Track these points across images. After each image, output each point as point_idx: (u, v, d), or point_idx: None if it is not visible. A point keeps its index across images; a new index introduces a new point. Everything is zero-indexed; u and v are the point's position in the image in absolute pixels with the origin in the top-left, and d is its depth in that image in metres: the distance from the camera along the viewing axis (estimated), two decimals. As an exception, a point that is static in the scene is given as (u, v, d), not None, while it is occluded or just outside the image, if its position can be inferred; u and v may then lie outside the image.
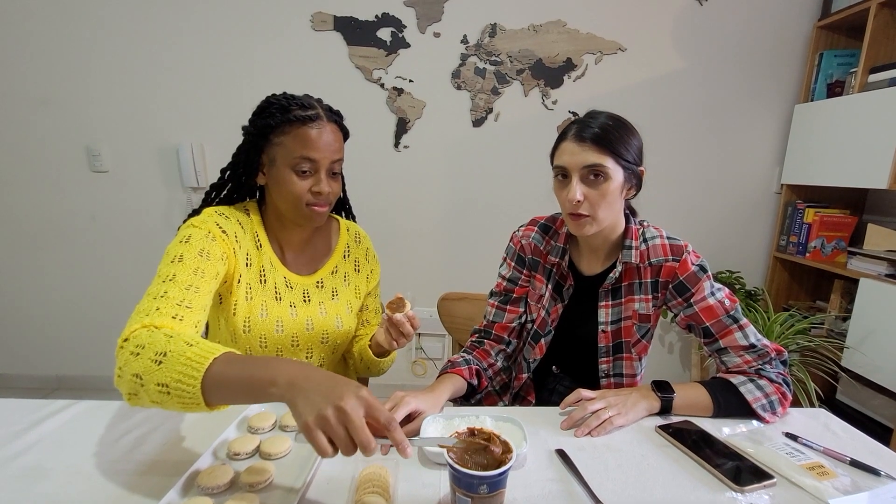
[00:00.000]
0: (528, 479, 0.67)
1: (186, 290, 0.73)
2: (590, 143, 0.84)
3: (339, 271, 1.02)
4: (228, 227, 0.87)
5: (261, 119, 0.85)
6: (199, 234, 0.82)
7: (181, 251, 0.78)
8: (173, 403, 0.59)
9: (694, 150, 2.17)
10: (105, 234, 2.16)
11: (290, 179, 0.85)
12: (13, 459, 0.69)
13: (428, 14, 2.00)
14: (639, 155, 0.89)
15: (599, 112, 0.89)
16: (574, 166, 0.85)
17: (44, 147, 2.07)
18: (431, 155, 2.14)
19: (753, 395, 0.83)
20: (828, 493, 0.64)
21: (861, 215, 2.06)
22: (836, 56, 1.96)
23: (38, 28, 1.96)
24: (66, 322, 2.25)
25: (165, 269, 0.76)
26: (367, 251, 1.07)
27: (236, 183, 0.93)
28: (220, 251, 0.83)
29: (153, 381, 0.59)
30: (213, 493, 0.61)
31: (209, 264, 0.80)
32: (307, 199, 0.86)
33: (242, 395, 0.58)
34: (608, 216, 0.88)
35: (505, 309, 1.05)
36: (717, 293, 0.90)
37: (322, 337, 0.97)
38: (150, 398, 0.61)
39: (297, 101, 0.86)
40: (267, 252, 0.93)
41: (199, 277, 0.76)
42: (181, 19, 1.97)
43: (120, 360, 0.63)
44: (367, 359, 1.01)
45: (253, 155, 0.87)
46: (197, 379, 0.57)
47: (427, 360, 2.36)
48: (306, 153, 0.84)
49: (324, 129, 0.85)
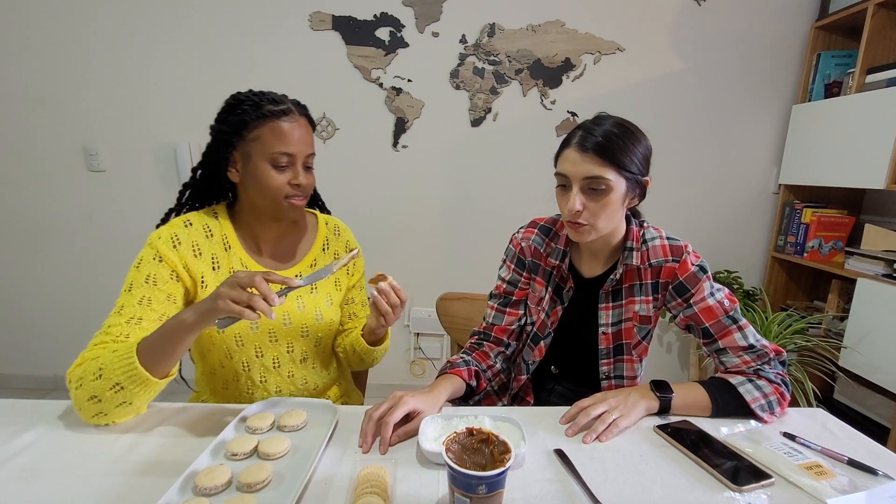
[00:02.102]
0: (526, 479, 0.67)
1: (127, 322, 0.81)
2: (592, 154, 0.82)
3: (318, 264, 1.02)
4: (186, 237, 0.89)
5: (232, 116, 0.86)
6: (149, 255, 0.86)
7: (132, 279, 0.85)
8: (133, 391, 0.72)
9: (692, 151, 2.17)
10: (102, 233, 2.16)
11: (269, 174, 0.86)
12: (10, 460, 0.68)
13: (427, 14, 2.00)
14: (644, 164, 0.87)
15: (606, 118, 0.87)
16: (575, 176, 0.84)
17: (41, 146, 2.07)
18: (430, 155, 2.14)
19: (752, 395, 0.83)
20: (826, 493, 0.64)
21: (858, 215, 2.06)
22: (834, 56, 1.97)
23: (35, 27, 1.96)
24: (62, 322, 2.24)
25: (119, 298, 0.84)
26: (347, 244, 1.07)
27: (208, 181, 0.94)
28: (168, 271, 0.86)
29: (105, 388, 0.72)
30: (210, 493, 0.60)
31: (156, 290, 0.84)
32: (286, 191, 0.87)
33: (171, 344, 0.72)
34: (608, 225, 0.88)
35: (504, 311, 1.04)
36: (717, 294, 0.90)
37: (302, 330, 0.97)
38: (114, 405, 0.73)
39: (268, 97, 0.87)
40: (237, 252, 0.93)
41: (143, 307, 0.83)
42: (179, 18, 1.97)
43: (72, 398, 0.75)
44: (360, 349, 1.01)
45: (225, 152, 0.88)
46: (133, 360, 0.71)
47: (426, 359, 2.36)
48: (283, 148, 0.85)
49: (296, 123, 0.87)
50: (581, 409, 0.82)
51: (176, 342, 0.73)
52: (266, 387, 0.97)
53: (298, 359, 0.99)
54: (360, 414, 0.80)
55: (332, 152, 2.10)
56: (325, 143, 2.10)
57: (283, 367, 0.97)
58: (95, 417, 0.75)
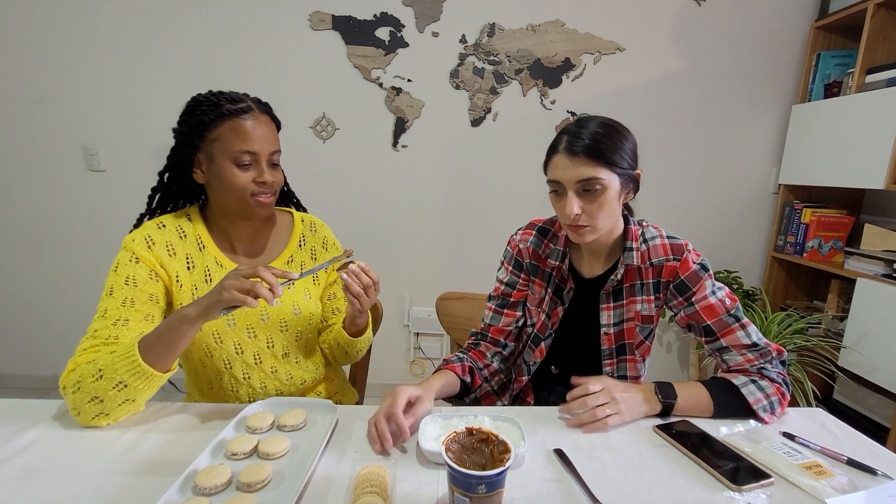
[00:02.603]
0: (526, 478, 0.67)
1: (114, 325, 0.82)
2: (582, 157, 0.81)
3: (296, 260, 1.02)
4: (160, 237, 0.90)
5: (192, 118, 0.86)
6: (125, 258, 0.88)
7: (111, 283, 0.86)
8: (137, 387, 0.75)
9: (691, 150, 2.17)
10: (102, 233, 2.16)
11: (232, 173, 0.86)
12: (10, 460, 0.68)
13: (426, 14, 2.00)
14: (633, 158, 0.87)
15: (590, 119, 0.87)
16: (569, 181, 0.83)
17: (41, 146, 2.07)
18: (430, 154, 2.14)
19: (755, 396, 0.83)
20: (825, 493, 0.64)
21: (858, 215, 2.06)
22: (834, 56, 1.97)
23: (35, 27, 1.96)
24: (62, 321, 2.24)
25: (101, 303, 0.85)
26: (324, 239, 1.07)
27: (176, 184, 0.95)
28: (147, 271, 0.88)
29: (108, 388, 0.73)
30: (210, 493, 0.60)
31: (137, 291, 0.85)
32: (252, 189, 0.87)
33: (173, 339, 0.75)
34: (607, 223, 0.88)
35: (502, 313, 1.04)
36: (718, 292, 0.90)
37: (280, 325, 0.98)
38: (116, 403, 0.75)
39: (226, 96, 0.87)
40: (212, 252, 0.94)
41: (126, 308, 0.84)
42: (179, 18, 1.97)
43: (70, 403, 0.76)
44: (343, 342, 1.01)
45: (188, 154, 0.88)
46: (136, 357, 0.73)
47: (425, 359, 2.36)
48: (244, 146, 0.85)
49: (257, 121, 0.87)
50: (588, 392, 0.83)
51: (178, 337, 0.75)
52: (250, 383, 0.97)
53: (280, 354, 0.99)
54: (360, 413, 0.80)
55: (332, 152, 2.10)
56: (325, 142, 2.10)
57: (265, 363, 0.98)
58: (96, 419, 0.76)
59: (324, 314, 1.07)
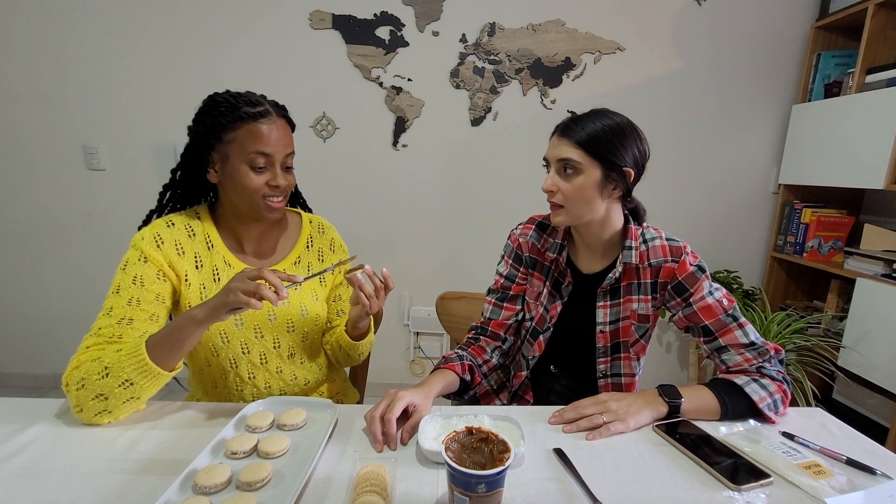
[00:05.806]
0: (525, 478, 0.67)
1: (118, 323, 0.82)
2: (566, 137, 0.87)
3: (303, 261, 1.02)
4: (169, 236, 0.90)
5: (210, 118, 0.86)
6: (134, 257, 0.87)
7: (119, 281, 0.86)
8: (142, 385, 0.75)
9: (692, 150, 2.17)
10: (102, 232, 2.16)
11: (247, 175, 0.86)
12: (9, 458, 0.68)
13: (427, 13, 2.00)
14: (625, 153, 0.87)
15: (597, 110, 0.90)
16: (552, 158, 0.90)
17: (40, 145, 2.07)
18: (430, 154, 2.14)
19: (759, 394, 0.83)
20: (824, 492, 0.64)
21: (858, 215, 2.06)
22: (834, 56, 1.97)
23: (34, 26, 1.95)
24: (62, 320, 2.24)
25: (107, 301, 0.84)
26: (331, 241, 1.07)
27: (188, 182, 0.95)
28: (154, 270, 0.87)
29: (114, 385, 0.74)
30: (210, 492, 0.60)
31: (144, 291, 0.85)
32: (264, 192, 0.88)
33: (179, 339, 0.75)
34: (584, 211, 0.89)
35: (502, 306, 1.05)
36: (716, 293, 0.90)
37: (287, 325, 0.98)
38: (121, 401, 0.75)
39: (245, 98, 0.87)
40: (220, 251, 0.94)
41: (132, 308, 0.83)
42: (179, 17, 1.97)
43: (72, 400, 0.75)
44: (345, 344, 1.02)
45: (203, 153, 0.88)
46: (143, 355, 0.73)
47: (425, 359, 2.36)
48: (260, 148, 0.85)
49: (274, 125, 0.87)
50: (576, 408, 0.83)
51: (184, 337, 0.76)
52: (255, 383, 0.97)
53: (286, 354, 0.99)
54: (359, 412, 0.80)
55: (332, 151, 2.10)
56: (325, 142, 2.10)
57: (271, 363, 0.98)
58: (98, 416, 0.76)
59: (329, 315, 1.07)
